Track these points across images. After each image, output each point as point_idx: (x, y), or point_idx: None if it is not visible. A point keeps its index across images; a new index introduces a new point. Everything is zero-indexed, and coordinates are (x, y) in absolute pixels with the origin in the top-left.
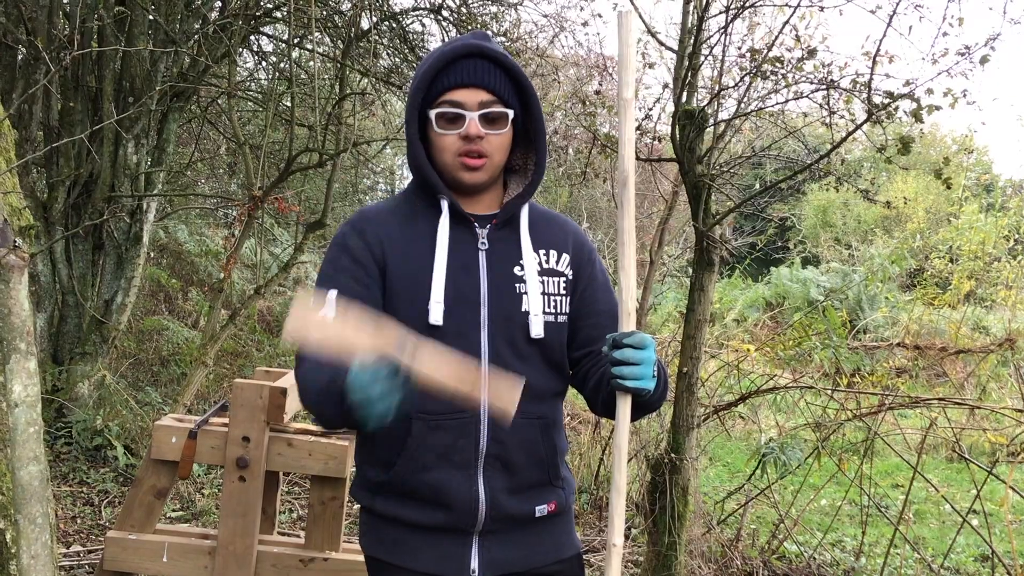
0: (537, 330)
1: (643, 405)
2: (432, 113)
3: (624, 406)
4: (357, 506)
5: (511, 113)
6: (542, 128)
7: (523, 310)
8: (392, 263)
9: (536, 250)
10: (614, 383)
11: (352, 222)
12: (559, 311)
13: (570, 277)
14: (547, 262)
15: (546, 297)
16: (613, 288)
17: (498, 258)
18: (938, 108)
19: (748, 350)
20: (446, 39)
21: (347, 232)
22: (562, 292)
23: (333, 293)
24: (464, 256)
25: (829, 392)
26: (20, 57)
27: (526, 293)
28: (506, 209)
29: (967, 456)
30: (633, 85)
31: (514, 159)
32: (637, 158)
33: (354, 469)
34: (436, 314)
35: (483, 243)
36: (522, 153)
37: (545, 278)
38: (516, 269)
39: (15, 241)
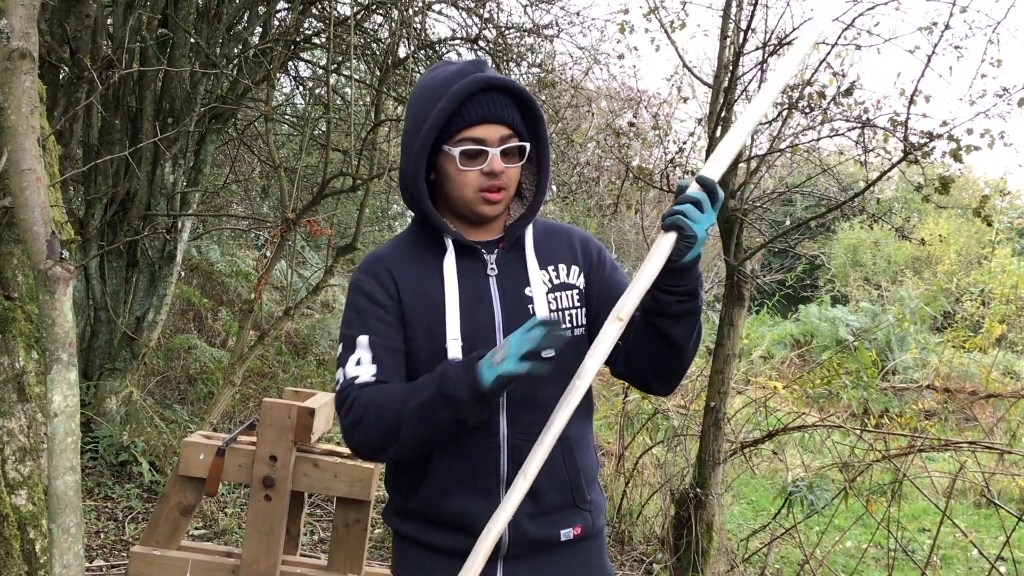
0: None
1: (676, 277)
2: (455, 151)
3: (665, 242)
4: (378, 530)
5: (528, 147)
6: (548, 153)
7: None
8: (407, 299)
9: (544, 267)
10: (667, 221)
11: (365, 266)
12: (575, 324)
13: (582, 287)
14: (556, 278)
15: (558, 314)
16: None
17: (508, 282)
18: (977, 148)
19: (775, 387)
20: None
21: (362, 277)
22: (576, 304)
23: (364, 338)
24: (476, 286)
25: (858, 432)
26: (62, 76)
27: (536, 314)
28: (511, 232)
29: (996, 501)
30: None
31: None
32: (668, 190)
33: (378, 493)
34: (455, 351)
35: (492, 269)
36: (525, 176)
37: (556, 294)
38: (527, 290)
39: (62, 253)
